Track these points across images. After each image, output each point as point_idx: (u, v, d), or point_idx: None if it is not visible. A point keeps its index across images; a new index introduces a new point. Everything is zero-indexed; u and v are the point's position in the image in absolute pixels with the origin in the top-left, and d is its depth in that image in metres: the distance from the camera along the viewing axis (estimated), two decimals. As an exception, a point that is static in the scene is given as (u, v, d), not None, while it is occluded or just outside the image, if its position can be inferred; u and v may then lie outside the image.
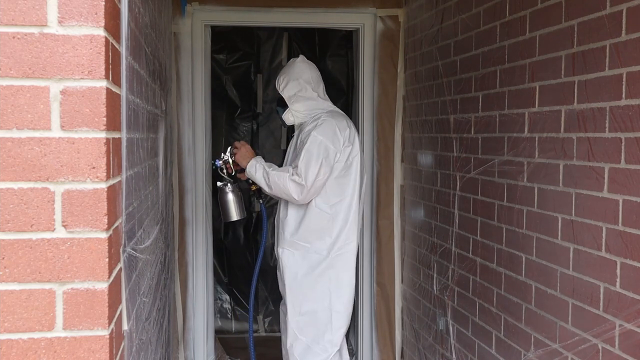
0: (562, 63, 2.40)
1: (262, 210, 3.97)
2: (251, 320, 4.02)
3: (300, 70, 3.61)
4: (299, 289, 3.53)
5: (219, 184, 3.75)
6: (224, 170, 3.68)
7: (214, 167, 3.78)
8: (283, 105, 3.65)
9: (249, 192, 3.85)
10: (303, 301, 3.52)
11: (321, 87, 3.66)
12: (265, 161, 3.57)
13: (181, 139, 4.28)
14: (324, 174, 3.40)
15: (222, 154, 3.68)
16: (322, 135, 3.41)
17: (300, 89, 3.58)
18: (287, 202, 3.56)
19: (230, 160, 3.64)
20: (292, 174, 3.40)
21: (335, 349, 3.51)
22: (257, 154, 3.64)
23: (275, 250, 3.68)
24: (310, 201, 3.46)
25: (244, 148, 3.61)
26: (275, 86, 3.69)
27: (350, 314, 3.59)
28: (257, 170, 3.51)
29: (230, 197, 3.72)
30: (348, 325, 3.60)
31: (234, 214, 3.75)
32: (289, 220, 3.55)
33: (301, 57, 3.71)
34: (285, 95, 3.60)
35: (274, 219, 3.81)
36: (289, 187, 3.39)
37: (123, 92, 1.58)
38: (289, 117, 3.63)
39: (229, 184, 3.71)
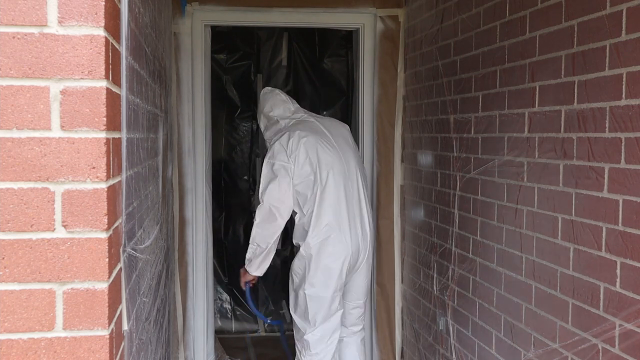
0: (562, 63, 2.40)
1: None
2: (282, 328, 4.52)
3: (261, 103, 3.96)
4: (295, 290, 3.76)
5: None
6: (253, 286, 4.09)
7: (247, 296, 4.15)
8: None
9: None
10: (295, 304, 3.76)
11: (280, 108, 3.85)
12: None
13: (181, 139, 4.28)
14: (282, 186, 3.54)
15: (243, 288, 4.02)
16: (268, 158, 3.63)
17: (267, 120, 3.89)
18: None
19: (251, 280, 3.92)
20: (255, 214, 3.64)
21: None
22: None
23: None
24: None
25: (241, 276, 3.91)
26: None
27: (331, 329, 3.67)
28: (247, 262, 3.74)
29: None
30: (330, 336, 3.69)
31: None
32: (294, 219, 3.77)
33: (263, 90, 4.02)
34: (262, 130, 3.96)
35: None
36: (259, 222, 3.57)
37: (123, 92, 1.58)
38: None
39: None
